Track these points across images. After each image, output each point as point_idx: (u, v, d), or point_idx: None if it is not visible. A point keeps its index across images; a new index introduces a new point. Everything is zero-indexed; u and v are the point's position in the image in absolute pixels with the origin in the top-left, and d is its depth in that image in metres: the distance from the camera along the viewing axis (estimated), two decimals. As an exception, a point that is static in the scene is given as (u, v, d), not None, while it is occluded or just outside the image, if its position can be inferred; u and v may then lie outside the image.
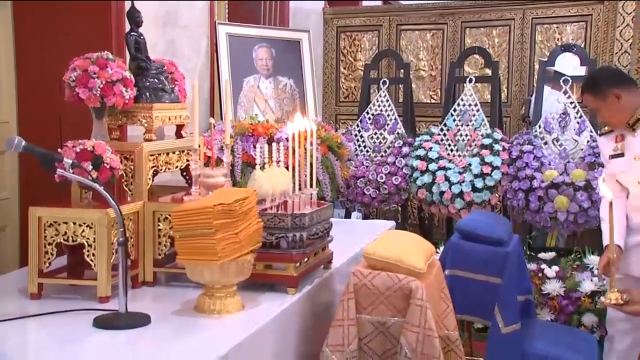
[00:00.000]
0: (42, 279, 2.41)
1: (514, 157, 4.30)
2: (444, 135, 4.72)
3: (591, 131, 4.32)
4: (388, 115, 4.94)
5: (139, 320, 2.18)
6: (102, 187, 2.20)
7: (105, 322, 2.14)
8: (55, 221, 2.39)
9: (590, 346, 3.42)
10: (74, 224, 2.38)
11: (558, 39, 5.44)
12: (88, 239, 2.37)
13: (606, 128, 3.29)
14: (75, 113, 2.81)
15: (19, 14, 3.67)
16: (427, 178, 4.48)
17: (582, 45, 5.20)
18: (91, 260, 2.37)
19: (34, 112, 3.63)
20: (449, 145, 4.69)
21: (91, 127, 2.62)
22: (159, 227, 2.59)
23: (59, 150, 2.42)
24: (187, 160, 2.84)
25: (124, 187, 2.63)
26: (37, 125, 3.55)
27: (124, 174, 2.60)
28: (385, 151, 4.86)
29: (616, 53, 5.05)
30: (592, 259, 4.15)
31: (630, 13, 4.89)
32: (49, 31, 3.62)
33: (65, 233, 2.38)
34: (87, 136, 2.56)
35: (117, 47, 3.46)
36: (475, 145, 4.54)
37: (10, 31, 3.67)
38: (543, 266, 4.03)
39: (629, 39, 4.92)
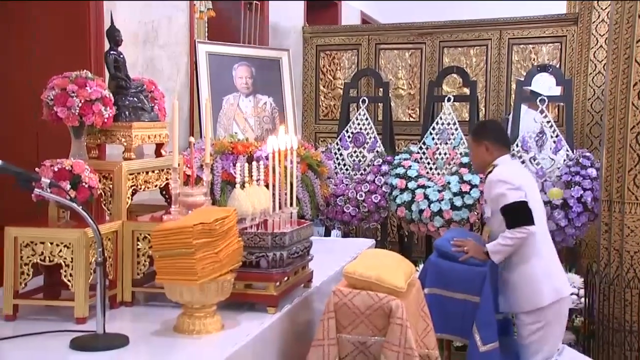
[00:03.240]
0: (17, 300, 2.38)
1: (492, 175, 4.33)
2: (423, 153, 4.75)
3: (567, 150, 4.38)
4: (367, 134, 4.96)
5: (117, 341, 2.15)
6: (81, 207, 2.18)
7: (83, 344, 2.11)
8: (32, 241, 2.36)
9: (568, 364, 3.45)
10: (51, 243, 2.35)
11: (534, 59, 5.53)
12: (65, 259, 2.34)
13: None
14: (53, 132, 2.79)
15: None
16: (406, 196, 4.50)
17: (558, 66, 5.29)
18: (68, 281, 2.34)
19: (11, 130, 3.60)
20: (428, 163, 4.72)
21: (69, 146, 2.60)
22: (138, 247, 2.57)
23: (36, 169, 2.40)
24: (167, 179, 2.83)
25: (103, 206, 2.61)
26: (14, 144, 3.51)
27: (103, 193, 2.58)
28: (364, 169, 4.88)
29: (590, 73, 5.14)
30: (570, 277, 4.18)
31: (603, 35, 4.99)
32: (28, 49, 3.60)
33: (42, 253, 2.36)
34: (65, 155, 2.54)
35: (96, 66, 3.45)
36: (454, 163, 4.58)
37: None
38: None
39: (602, 60, 5.01)
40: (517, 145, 4.47)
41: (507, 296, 3.46)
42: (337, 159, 4.98)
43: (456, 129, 4.69)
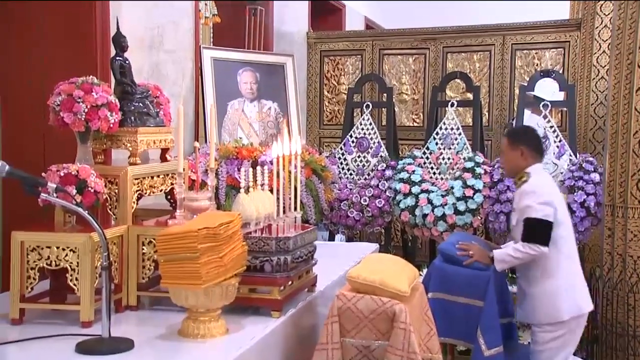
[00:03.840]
0: (24, 304, 2.40)
1: (496, 180, 4.35)
2: (427, 158, 4.76)
3: (570, 155, 4.39)
4: (371, 139, 4.98)
5: (123, 345, 2.16)
6: (86, 212, 2.20)
7: (88, 348, 2.13)
8: (38, 245, 2.38)
9: (572, 368, 3.45)
10: (57, 248, 2.37)
11: (537, 65, 5.54)
12: (71, 263, 2.36)
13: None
14: (60, 137, 2.81)
15: (2, 36, 3.68)
16: (410, 201, 4.51)
17: (561, 71, 5.31)
18: (74, 285, 2.36)
19: (18, 136, 3.62)
20: (432, 168, 4.73)
21: (75, 151, 2.62)
22: (143, 251, 2.58)
23: (43, 174, 2.42)
24: (172, 184, 2.85)
25: (108, 210, 2.62)
26: (21, 149, 3.54)
27: (108, 198, 2.60)
28: (368, 174, 4.89)
29: (593, 79, 5.15)
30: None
31: (606, 40, 5.00)
32: (34, 55, 3.63)
33: (49, 257, 2.37)
34: (72, 160, 2.56)
35: (102, 72, 3.47)
36: (458, 168, 4.59)
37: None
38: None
39: (605, 65, 5.02)
40: (520, 150, 4.48)
41: (524, 307, 3.44)
42: (341, 163, 5.00)
43: (459, 134, 4.70)
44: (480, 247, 3.49)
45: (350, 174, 4.97)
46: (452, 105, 4.81)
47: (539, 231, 3.28)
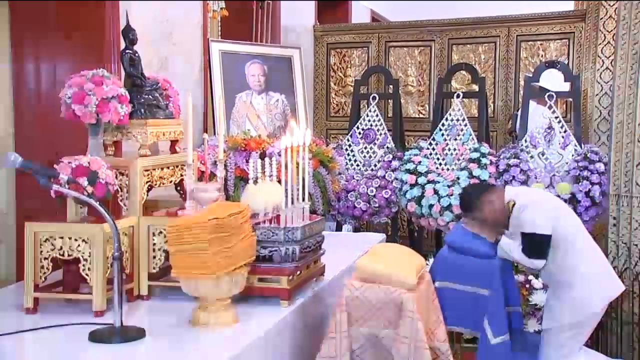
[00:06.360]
0: (37, 293, 2.43)
1: (501, 170, 4.36)
2: (433, 149, 4.78)
3: (575, 145, 4.40)
4: (378, 130, 5.00)
5: (134, 334, 2.20)
6: (98, 203, 2.23)
7: (101, 336, 2.17)
8: (51, 236, 2.41)
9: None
10: (70, 238, 2.40)
11: (542, 56, 5.54)
12: (84, 253, 2.39)
13: None
14: (71, 129, 2.85)
15: (15, 32, 3.71)
16: (416, 191, 4.54)
17: (566, 62, 5.31)
18: (87, 275, 2.39)
19: (31, 128, 3.66)
20: (438, 159, 4.75)
21: (86, 143, 2.66)
22: (154, 242, 2.62)
23: (55, 166, 2.45)
24: (181, 175, 2.88)
25: (119, 202, 2.66)
26: (33, 141, 3.58)
27: (119, 189, 2.64)
28: (375, 165, 4.92)
29: (598, 69, 5.14)
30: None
31: (611, 31, 4.98)
32: (45, 48, 3.66)
33: (61, 248, 2.41)
34: (83, 152, 2.60)
35: (112, 65, 3.50)
36: (463, 159, 4.61)
37: (7, 49, 3.71)
38: (530, 277, 4.08)
39: (609, 56, 5.01)
40: (525, 141, 4.51)
41: (554, 311, 3.37)
42: (348, 155, 5.03)
43: (465, 125, 4.72)
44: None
45: (357, 165, 4.99)
46: (458, 96, 4.83)
47: (536, 245, 3.25)
